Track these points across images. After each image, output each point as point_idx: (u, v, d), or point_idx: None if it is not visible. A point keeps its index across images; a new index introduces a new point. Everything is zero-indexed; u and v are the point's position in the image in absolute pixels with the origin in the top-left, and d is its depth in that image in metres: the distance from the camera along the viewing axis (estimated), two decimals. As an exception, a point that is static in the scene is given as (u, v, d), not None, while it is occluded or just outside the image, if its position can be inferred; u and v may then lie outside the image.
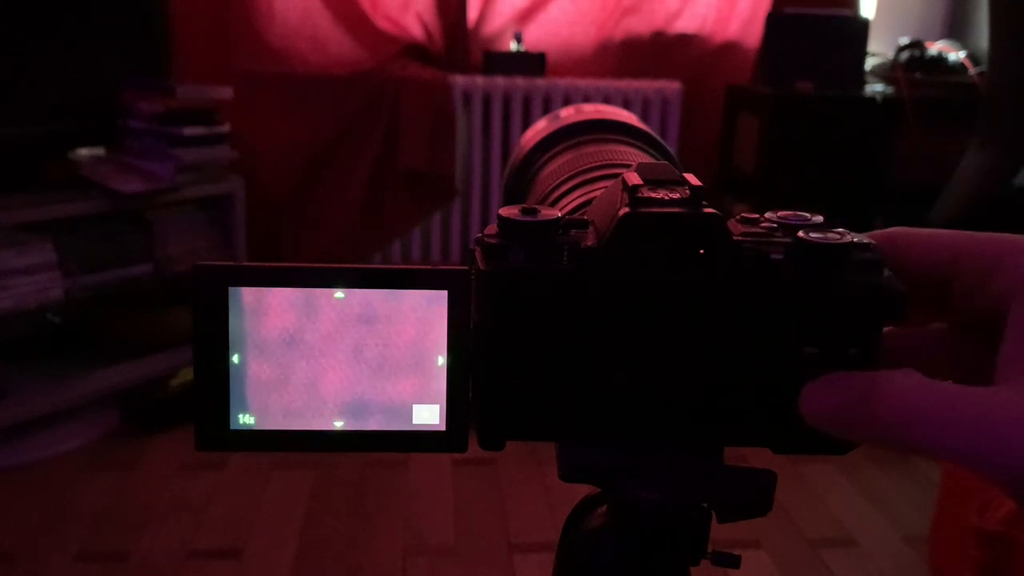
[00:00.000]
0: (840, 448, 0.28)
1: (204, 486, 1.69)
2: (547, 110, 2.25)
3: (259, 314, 0.28)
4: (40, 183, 1.86)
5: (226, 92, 2.06)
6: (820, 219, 0.28)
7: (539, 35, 2.48)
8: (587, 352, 0.27)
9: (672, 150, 0.42)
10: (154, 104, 1.97)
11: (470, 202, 2.45)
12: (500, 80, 2.34)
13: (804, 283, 0.26)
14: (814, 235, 0.27)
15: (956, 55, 2.52)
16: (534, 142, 0.43)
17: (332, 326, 0.28)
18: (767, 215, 0.29)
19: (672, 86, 2.41)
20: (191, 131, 1.99)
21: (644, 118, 2.31)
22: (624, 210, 0.26)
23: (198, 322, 0.28)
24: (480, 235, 0.28)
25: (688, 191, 0.27)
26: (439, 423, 0.28)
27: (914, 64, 2.50)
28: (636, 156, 0.39)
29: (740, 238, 0.27)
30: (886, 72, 2.52)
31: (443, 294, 0.28)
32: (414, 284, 0.28)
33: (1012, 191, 2.10)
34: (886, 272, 0.27)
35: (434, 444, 0.28)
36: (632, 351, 0.27)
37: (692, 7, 2.53)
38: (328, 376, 0.28)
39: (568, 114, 0.44)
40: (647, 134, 0.42)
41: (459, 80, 2.33)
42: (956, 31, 2.68)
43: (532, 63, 2.40)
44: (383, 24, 2.39)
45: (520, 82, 2.34)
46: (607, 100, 2.31)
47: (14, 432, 1.77)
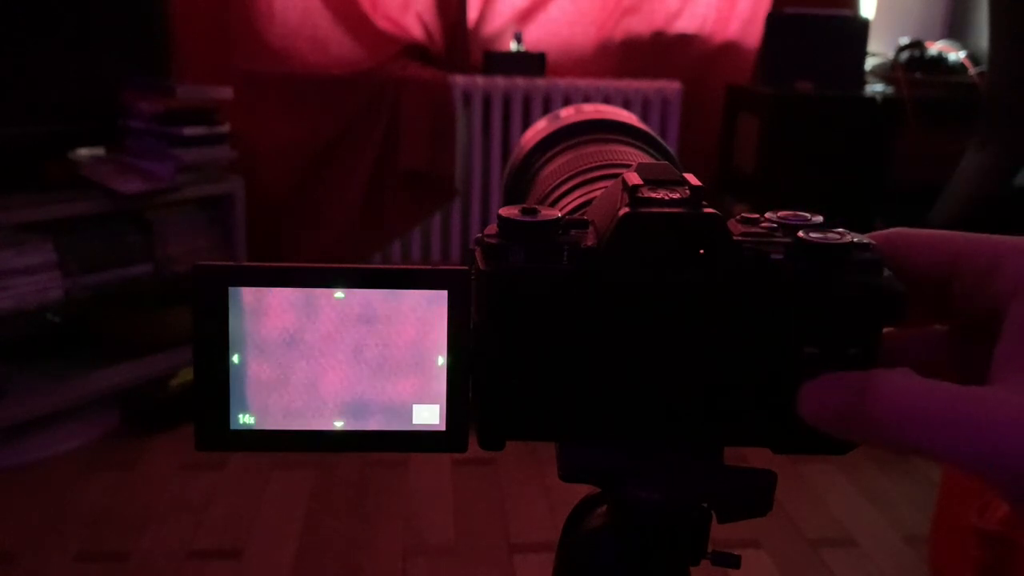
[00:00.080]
0: (840, 448, 0.28)
1: (204, 486, 1.69)
2: (547, 110, 2.25)
3: (259, 314, 0.28)
4: (40, 183, 1.86)
5: (226, 92, 2.06)
6: (820, 219, 0.28)
7: (539, 35, 2.48)
8: (587, 352, 0.27)
9: (672, 150, 0.42)
10: (154, 104, 1.97)
11: (470, 202, 2.45)
12: (500, 80, 2.34)
13: (804, 283, 0.26)
14: (814, 235, 0.27)
15: (956, 55, 2.52)
16: (534, 142, 0.43)
17: (332, 326, 0.28)
18: (767, 215, 0.29)
19: (672, 86, 2.41)
20: (191, 131, 1.99)
21: (644, 118, 2.31)
22: (624, 210, 0.26)
23: (198, 322, 0.28)
24: (480, 235, 0.28)
25: (688, 191, 0.27)
26: (439, 423, 0.28)
27: (914, 64, 2.50)
28: (636, 156, 0.39)
29: (740, 238, 0.27)
30: (886, 72, 2.52)
31: (443, 294, 0.28)
32: (414, 284, 0.28)
33: (1012, 191, 2.10)
34: (886, 272, 0.27)
35: (434, 444, 0.28)
36: (632, 351, 0.27)
37: (692, 7, 2.53)
38: (328, 376, 0.28)
39: (568, 114, 0.44)
40: (647, 134, 0.42)
41: (459, 80, 2.33)
42: (956, 31, 2.68)
43: (532, 63, 2.40)
44: (383, 24, 2.39)
45: (520, 82, 2.34)
46: (607, 100, 2.31)
47: (14, 432, 1.77)
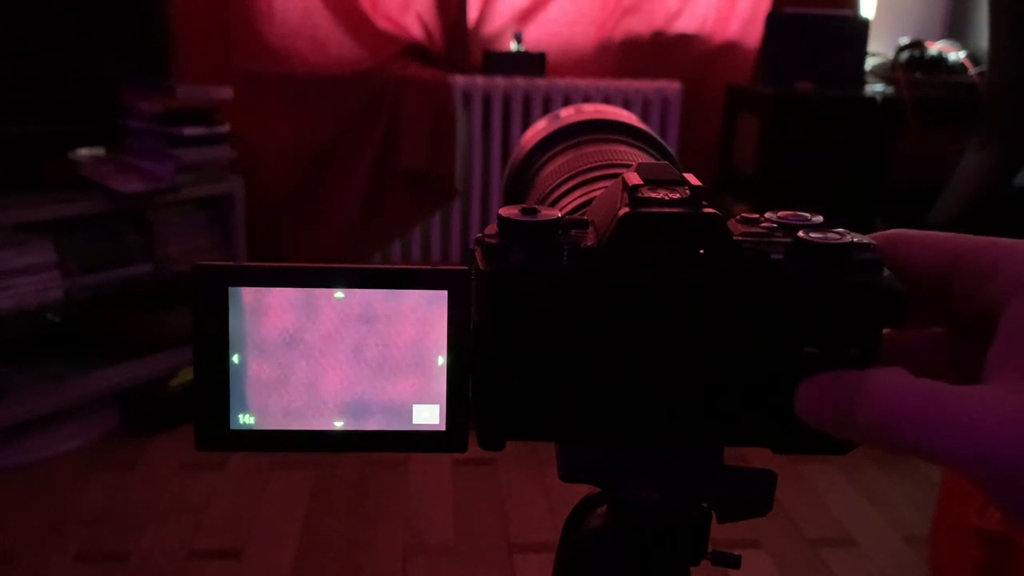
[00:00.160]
0: (840, 448, 0.28)
1: (204, 486, 1.69)
2: (547, 110, 2.25)
3: (259, 314, 0.28)
4: (40, 183, 1.86)
5: (226, 92, 2.06)
6: (820, 219, 0.28)
7: (539, 35, 2.48)
8: (587, 352, 0.27)
9: (672, 150, 0.42)
10: (154, 104, 1.97)
11: (470, 202, 2.44)
12: (500, 80, 2.34)
13: (804, 283, 0.26)
14: (814, 235, 0.27)
15: (956, 55, 2.52)
16: (534, 142, 0.43)
17: (332, 326, 0.28)
18: (767, 215, 0.29)
19: (672, 86, 2.41)
20: (191, 131, 1.99)
21: (644, 118, 2.31)
22: (624, 210, 0.26)
23: (198, 322, 0.28)
24: (480, 235, 0.28)
25: (688, 191, 0.27)
26: (439, 423, 0.28)
27: (914, 64, 2.50)
28: (636, 156, 0.39)
29: (740, 238, 0.27)
30: (886, 72, 2.52)
31: (443, 294, 0.28)
32: (414, 284, 0.28)
33: (1012, 191, 2.10)
34: (886, 272, 0.27)
35: (434, 444, 0.28)
36: (632, 351, 0.27)
37: (692, 7, 2.53)
38: (328, 376, 0.28)
39: (568, 114, 0.44)
40: (647, 134, 0.42)
41: (459, 80, 2.33)
42: (956, 31, 2.68)
43: (532, 63, 2.40)
44: (383, 24, 2.39)
45: (520, 82, 2.34)
46: (607, 100, 2.31)
47: (14, 432, 1.77)
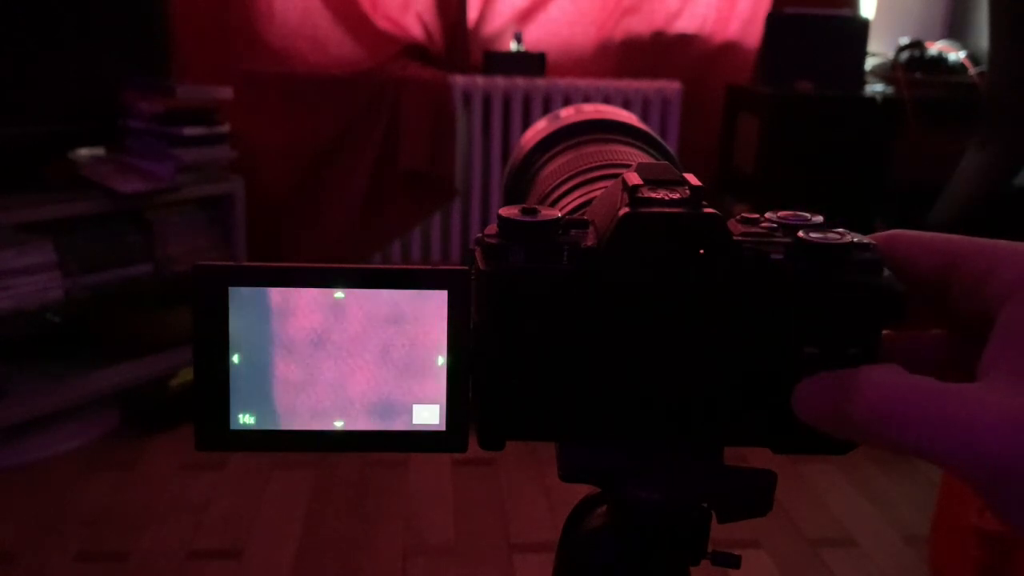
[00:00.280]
0: (840, 448, 0.28)
1: (204, 486, 1.69)
2: (547, 110, 2.25)
3: (259, 314, 0.28)
4: (40, 183, 1.86)
5: (226, 92, 2.06)
6: (820, 219, 0.28)
7: (539, 35, 2.48)
8: (587, 352, 0.27)
9: (672, 150, 0.42)
10: (154, 104, 1.97)
11: (470, 202, 2.44)
12: (500, 80, 2.34)
13: (804, 283, 0.26)
14: (814, 235, 0.27)
15: (956, 55, 2.52)
16: (534, 142, 0.43)
17: (331, 326, 0.28)
18: (767, 215, 0.29)
19: (672, 86, 2.41)
20: (191, 131, 1.99)
21: (644, 118, 2.31)
22: (624, 210, 0.26)
23: (198, 322, 0.28)
24: (480, 235, 0.28)
25: (688, 191, 0.27)
26: (439, 423, 0.28)
27: (914, 64, 2.50)
28: (636, 156, 0.39)
29: (740, 238, 0.27)
30: (886, 72, 2.52)
31: (443, 294, 0.28)
32: (414, 284, 0.28)
33: (1012, 191, 2.10)
34: (886, 272, 0.27)
35: (434, 444, 0.28)
36: (632, 351, 0.27)
37: (692, 7, 2.53)
38: (326, 376, 0.28)
39: (568, 114, 0.44)
40: (647, 134, 0.42)
41: (459, 80, 2.33)
42: (956, 31, 2.68)
43: (532, 63, 2.40)
44: (383, 24, 2.39)
45: (520, 82, 2.34)
46: (607, 100, 2.31)
47: (14, 432, 1.77)
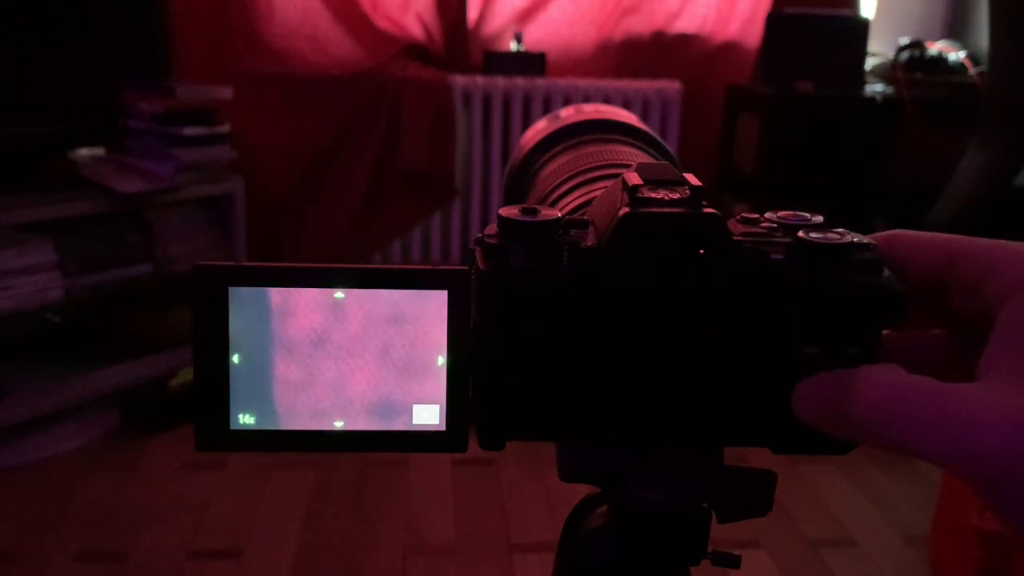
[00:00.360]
0: (840, 448, 0.28)
1: (204, 486, 1.69)
2: (547, 110, 2.25)
3: (259, 314, 0.28)
4: (40, 183, 1.86)
5: (226, 92, 2.06)
6: (820, 219, 0.28)
7: (539, 35, 2.48)
8: (587, 352, 0.27)
9: (672, 150, 0.42)
10: (154, 104, 1.97)
11: (470, 202, 2.44)
12: (500, 80, 2.34)
13: (804, 283, 0.26)
14: (814, 235, 0.27)
15: (956, 55, 2.52)
16: (534, 142, 0.43)
17: (331, 326, 0.28)
18: (767, 215, 0.29)
19: (672, 86, 2.41)
20: (191, 131, 1.99)
21: (644, 118, 2.31)
22: (624, 210, 0.26)
23: (198, 322, 0.28)
24: (480, 235, 0.28)
25: (688, 191, 0.27)
26: (439, 423, 0.28)
27: (914, 64, 2.50)
28: (636, 156, 0.39)
29: (740, 238, 0.27)
30: (886, 72, 2.52)
31: (443, 294, 0.28)
32: (414, 284, 0.28)
33: (1012, 191, 2.10)
34: (886, 272, 0.27)
35: (434, 444, 0.28)
36: (632, 351, 0.27)
37: (692, 7, 2.53)
38: (326, 376, 0.28)
39: (568, 114, 0.44)
40: (647, 134, 0.42)
41: (459, 80, 2.33)
42: (956, 31, 2.68)
43: (532, 63, 2.40)
44: (383, 24, 2.39)
45: (520, 82, 2.34)
46: (607, 100, 2.31)
47: (14, 432, 1.77)
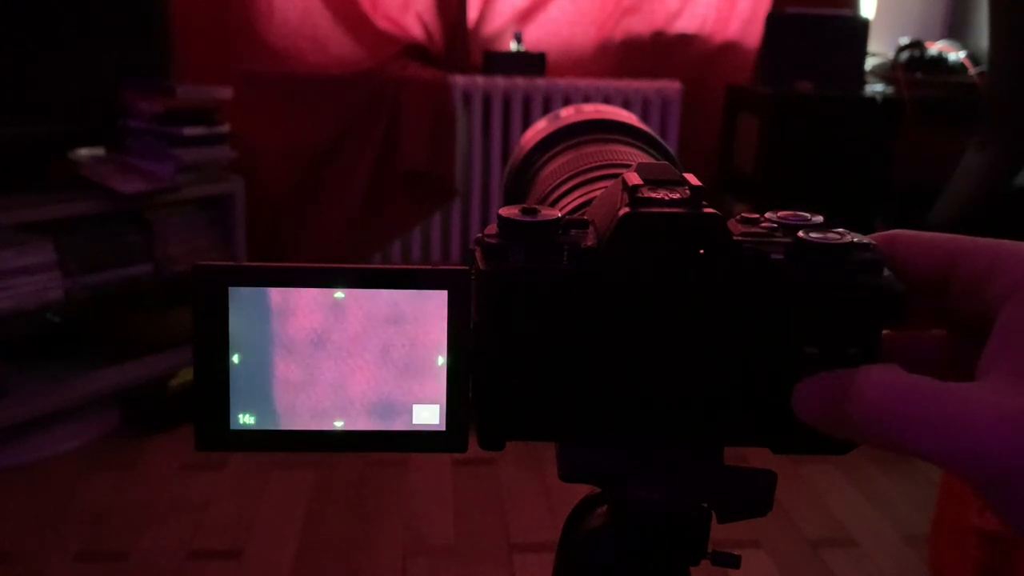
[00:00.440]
0: (840, 448, 0.28)
1: (204, 486, 1.69)
2: (547, 110, 2.25)
3: (259, 314, 0.28)
4: (40, 183, 1.86)
5: (226, 92, 2.06)
6: (820, 219, 0.28)
7: (539, 35, 2.48)
8: (587, 352, 0.27)
9: (672, 150, 0.42)
10: (154, 104, 1.97)
11: (470, 202, 2.44)
12: (500, 80, 2.34)
13: (804, 283, 0.26)
14: (814, 235, 0.27)
15: (956, 55, 2.52)
16: (534, 142, 0.43)
17: (330, 326, 0.28)
18: (767, 215, 0.29)
19: (672, 86, 2.41)
20: (191, 131, 1.99)
21: (644, 118, 2.31)
22: (624, 210, 0.26)
23: (198, 322, 0.28)
24: (480, 235, 0.27)
25: (688, 191, 0.27)
26: (439, 423, 0.28)
27: (914, 64, 2.50)
28: (636, 156, 0.39)
29: (740, 238, 0.27)
30: (886, 72, 2.52)
31: (443, 294, 0.28)
32: (414, 284, 0.28)
33: (1012, 191, 2.10)
34: (886, 272, 0.27)
35: (434, 444, 0.28)
36: (632, 351, 0.27)
37: (692, 7, 2.53)
38: (326, 376, 0.28)
39: (568, 114, 0.44)
40: (647, 134, 0.42)
41: (459, 80, 2.33)
42: (956, 31, 2.68)
43: (532, 63, 2.40)
44: (383, 24, 2.39)
45: (520, 82, 2.34)
46: (607, 100, 2.31)
47: (14, 432, 1.77)
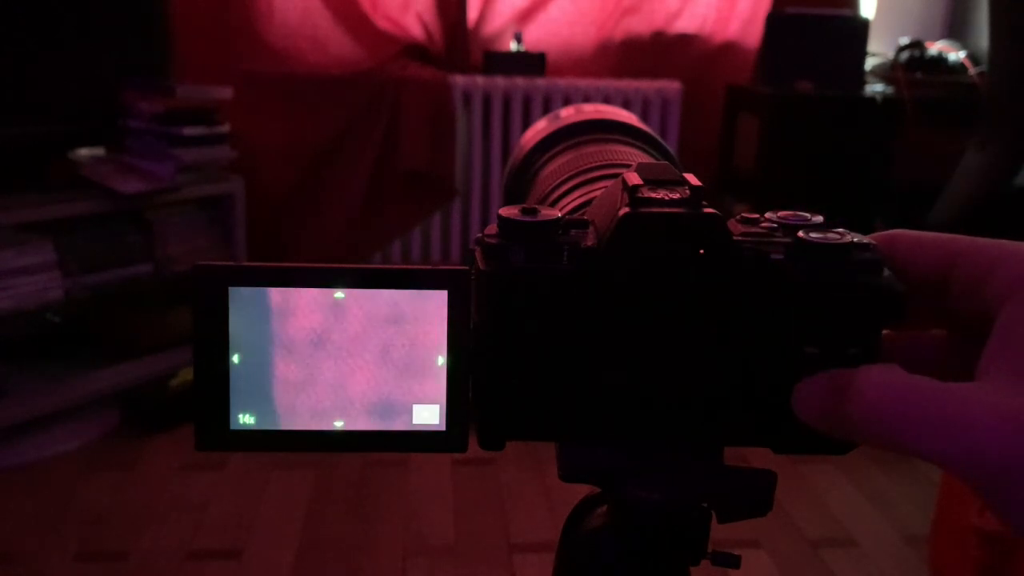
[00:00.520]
0: (840, 448, 0.28)
1: (204, 486, 1.69)
2: (547, 110, 2.25)
3: (259, 314, 0.28)
4: (40, 183, 1.86)
5: (226, 92, 2.06)
6: (820, 219, 0.28)
7: (539, 35, 2.48)
8: (587, 352, 0.27)
9: (672, 150, 0.42)
10: (154, 104, 1.97)
11: (470, 202, 2.44)
12: (500, 80, 2.34)
13: (804, 283, 0.26)
14: (814, 235, 0.27)
15: (956, 55, 2.52)
16: (534, 142, 0.43)
17: (330, 326, 0.28)
18: (767, 215, 0.29)
19: (672, 86, 2.41)
20: (191, 131, 1.99)
21: (644, 118, 2.30)
22: (624, 210, 0.26)
23: (198, 322, 0.28)
24: (480, 235, 0.27)
25: (688, 191, 0.27)
26: (439, 423, 0.28)
27: (914, 64, 2.50)
28: (636, 156, 0.39)
29: (740, 238, 0.27)
30: (886, 72, 2.52)
31: (443, 294, 0.28)
32: (414, 284, 0.28)
33: (1012, 191, 2.10)
34: (886, 272, 0.27)
35: (434, 444, 0.28)
36: (632, 351, 0.27)
37: (692, 7, 2.53)
38: (326, 376, 0.28)
39: (568, 114, 0.44)
40: (647, 134, 0.42)
41: (459, 80, 2.33)
42: (956, 31, 2.68)
43: (532, 63, 2.40)
44: (383, 24, 2.39)
45: (520, 82, 2.34)
46: (607, 100, 2.31)
47: (14, 432, 1.77)
